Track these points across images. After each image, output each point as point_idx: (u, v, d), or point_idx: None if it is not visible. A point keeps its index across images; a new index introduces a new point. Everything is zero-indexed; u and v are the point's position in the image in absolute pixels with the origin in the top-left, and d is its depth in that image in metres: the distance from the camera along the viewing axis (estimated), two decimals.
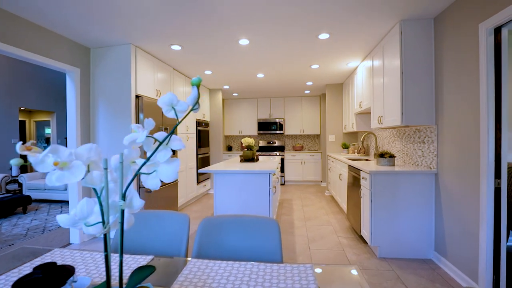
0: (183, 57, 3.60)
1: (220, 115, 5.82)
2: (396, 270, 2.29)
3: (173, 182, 3.89)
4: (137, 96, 3.19)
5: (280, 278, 0.89)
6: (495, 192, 1.83)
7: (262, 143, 7.19)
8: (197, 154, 5.03)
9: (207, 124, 5.60)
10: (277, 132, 6.88)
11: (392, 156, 2.85)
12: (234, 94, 6.50)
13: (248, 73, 4.46)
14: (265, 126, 6.92)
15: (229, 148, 7.30)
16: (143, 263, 1.05)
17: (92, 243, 3.00)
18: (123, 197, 0.55)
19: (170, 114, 0.59)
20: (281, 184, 6.53)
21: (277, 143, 7.13)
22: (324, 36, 2.86)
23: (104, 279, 0.86)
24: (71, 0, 2.14)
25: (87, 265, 1.00)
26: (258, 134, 7.04)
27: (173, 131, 0.58)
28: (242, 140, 3.56)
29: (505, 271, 1.82)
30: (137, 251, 1.38)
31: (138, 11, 2.33)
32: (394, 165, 2.87)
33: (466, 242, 2.04)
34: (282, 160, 6.54)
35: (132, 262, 1.04)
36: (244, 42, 3.03)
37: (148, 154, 0.59)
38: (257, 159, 3.78)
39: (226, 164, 3.21)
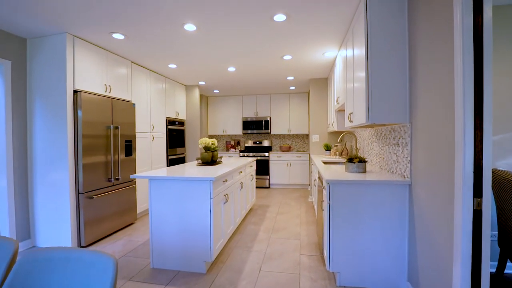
0: (136, 48, 3.21)
1: (198, 113, 5.43)
2: None
3: (129, 184, 3.52)
4: (75, 91, 2.83)
5: None
6: (474, 215, 1.35)
7: (248, 143, 6.76)
8: (167, 155, 4.66)
9: (182, 123, 5.22)
10: (264, 131, 6.44)
11: (362, 161, 2.38)
12: (215, 91, 6.10)
13: (217, 67, 4.05)
14: (250, 125, 6.49)
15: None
16: None
17: None
18: None
19: None
20: (264, 188, 6.09)
21: (264, 143, 6.69)
22: (280, 17, 2.41)
23: None
24: None
25: None
26: (243, 133, 6.62)
27: None
28: (199, 141, 3.15)
29: None
30: None
31: None
32: (365, 171, 2.39)
33: (439, 278, 1.56)
34: (267, 162, 6.10)
35: None
36: (190, 27, 2.61)
37: None
38: (219, 162, 3.36)
39: (173, 169, 2.81)
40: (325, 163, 3.66)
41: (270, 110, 6.49)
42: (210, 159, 3.19)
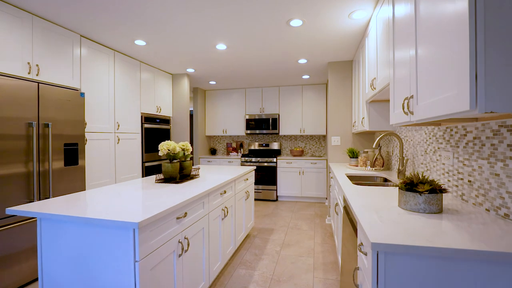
0: (68, 7, 2.21)
1: (187, 109, 4.40)
2: None
3: None
4: None
5: None
6: None
7: (253, 145, 5.67)
8: (143, 162, 3.65)
9: (166, 121, 4.21)
10: (271, 131, 5.31)
11: (436, 190, 1.22)
12: (211, 83, 5.05)
13: (201, 43, 2.98)
14: (255, 124, 5.39)
15: (213, 152, 5.87)
16: None
17: None
18: None
19: None
20: (270, 201, 4.95)
21: (271, 146, 5.57)
22: None
23: None
24: None
25: None
26: (247, 134, 5.53)
27: None
28: (159, 146, 2.09)
29: None
30: None
31: None
32: (441, 211, 1.23)
33: None
34: (274, 169, 4.97)
35: None
36: None
37: None
38: (194, 176, 2.28)
39: (92, 194, 1.76)
40: (351, 178, 2.49)
41: (279, 106, 5.35)
42: (176, 173, 2.12)
